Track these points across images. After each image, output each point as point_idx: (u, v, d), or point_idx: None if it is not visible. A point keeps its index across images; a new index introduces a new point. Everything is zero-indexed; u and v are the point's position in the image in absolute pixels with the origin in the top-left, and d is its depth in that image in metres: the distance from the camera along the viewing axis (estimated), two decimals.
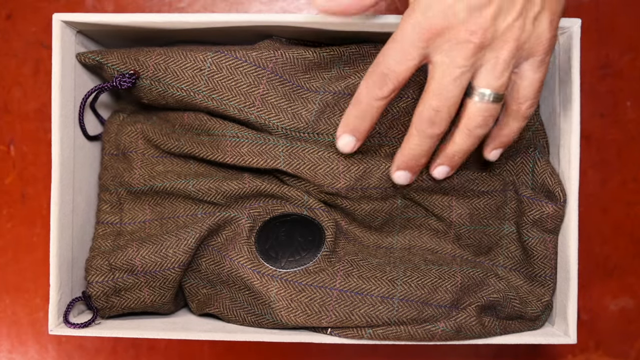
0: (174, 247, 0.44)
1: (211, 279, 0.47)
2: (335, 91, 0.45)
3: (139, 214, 0.48)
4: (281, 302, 0.44)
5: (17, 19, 0.56)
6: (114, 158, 0.49)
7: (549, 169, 0.46)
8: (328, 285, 0.43)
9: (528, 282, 0.46)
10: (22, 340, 0.57)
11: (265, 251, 0.45)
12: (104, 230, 0.48)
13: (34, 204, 0.57)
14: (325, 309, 0.43)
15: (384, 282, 0.44)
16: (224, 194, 0.46)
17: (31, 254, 0.57)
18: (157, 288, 0.45)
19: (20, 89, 0.56)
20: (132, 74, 0.45)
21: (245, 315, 0.46)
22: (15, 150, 0.57)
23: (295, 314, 0.44)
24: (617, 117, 0.55)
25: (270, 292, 0.44)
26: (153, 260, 0.44)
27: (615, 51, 0.55)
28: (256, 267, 0.44)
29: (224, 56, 0.44)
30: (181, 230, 0.45)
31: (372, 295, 0.43)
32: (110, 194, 0.49)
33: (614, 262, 0.56)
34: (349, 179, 0.45)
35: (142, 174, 0.47)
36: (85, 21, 0.44)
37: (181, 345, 0.57)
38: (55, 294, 0.45)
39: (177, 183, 0.46)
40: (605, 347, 0.56)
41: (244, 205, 0.46)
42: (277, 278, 0.44)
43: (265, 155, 0.45)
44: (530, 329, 0.46)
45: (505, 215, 0.46)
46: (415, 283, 0.44)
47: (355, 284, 0.43)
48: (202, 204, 0.47)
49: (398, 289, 0.43)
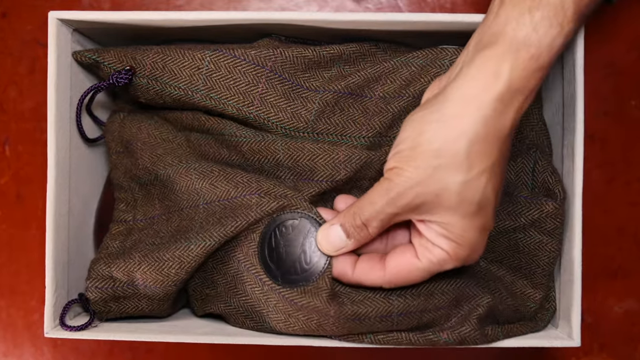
0: (176, 267, 0.43)
1: (215, 279, 0.46)
2: (335, 90, 0.45)
3: (149, 209, 0.48)
4: (279, 315, 0.43)
5: (13, 17, 0.56)
6: (121, 156, 0.49)
7: (550, 167, 0.45)
8: (323, 310, 0.41)
9: (521, 281, 0.46)
10: (17, 343, 0.57)
11: (265, 260, 0.43)
12: (116, 229, 0.48)
13: (30, 205, 0.57)
14: (323, 329, 0.42)
15: (379, 301, 0.42)
16: (226, 177, 0.44)
17: (26, 255, 0.57)
18: (157, 300, 0.45)
19: (16, 88, 0.56)
20: (129, 70, 0.45)
21: (244, 319, 0.46)
22: (10, 150, 0.57)
23: (294, 329, 0.43)
24: (622, 116, 0.55)
25: (269, 302, 0.43)
26: (154, 277, 0.43)
27: (619, 49, 0.55)
28: (258, 274, 0.43)
29: (222, 55, 0.44)
30: (184, 250, 0.43)
31: (369, 317, 0.42)
32: (125, 192, 0.49)
33: (619, 263, 0.56)
34: (350, 170, 0.44)
35: (145, 162, 0.47)
36: (82, 19, 0.44)
37: (180, 348, 0.57)
38: (51, 296, 0.44)
39: (179, 167, 0.45)
40: (609, 350, 0.56)
41: (251, 194, 0.43)
42: (275, 291, 0.42)
43: (265, 152, 0.44)
44: (532, 330, 0.45)
45: (501, 216, 0.46)
46: (410, 294, 0.42)
47: (350, 310, 0.41)
48: (204, 193, 0.45)
49: (395, 305, 0.42)
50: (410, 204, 0.38)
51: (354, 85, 0.45)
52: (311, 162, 0.44)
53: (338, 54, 0.46)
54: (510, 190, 0.46)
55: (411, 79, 0.45)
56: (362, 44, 0.46)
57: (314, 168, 0.44)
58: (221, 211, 0.44)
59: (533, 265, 0.46)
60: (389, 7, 0.56)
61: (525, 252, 0.46)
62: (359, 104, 0.45)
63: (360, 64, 0.46)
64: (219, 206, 0.44)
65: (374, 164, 0.44)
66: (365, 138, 0.45)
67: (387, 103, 0.45)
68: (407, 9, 0.56)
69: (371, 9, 0.55)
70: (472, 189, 0.37)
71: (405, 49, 0.48)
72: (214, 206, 0.44)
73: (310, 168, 0.44)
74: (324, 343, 0.43)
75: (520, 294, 0.46)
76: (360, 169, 0.44)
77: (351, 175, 0.44)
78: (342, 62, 0.46)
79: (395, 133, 0.45)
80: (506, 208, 0.45)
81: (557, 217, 0.44)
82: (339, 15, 0.43)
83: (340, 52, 0.46)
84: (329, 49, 0.46)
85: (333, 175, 0.44)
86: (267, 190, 0.43)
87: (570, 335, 0.44)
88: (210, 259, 0.45)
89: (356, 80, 0.45)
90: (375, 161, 0.44)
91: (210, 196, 0.44)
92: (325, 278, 0.42)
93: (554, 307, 0.47)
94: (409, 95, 0.45)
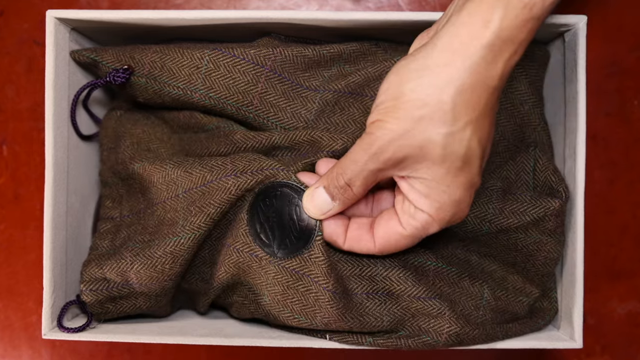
0: (170, 262, 0.43)
1: (206, 270, 0.46)
2: (335, 90, 0.45)
3: (135, 204, 0.47)
4: (277, 287, 0.43)
5: (10, 16, 0.56)
6: (111, 152, 0.49)
7: (552, 166, 0.45)
8: (321, 283, 0.41)
9: (513, 277, 0.45)
10: (15, 344, 0.57)
11: (257, 234, 0.43)
12: (104, 227, 0.48)
13: (27, 205, 0.57)
14: (319, 305, 0.42)
15: (365, 279, 0.43)
16: (200, 163, 0.44)
17: (24, 256, 0.57)
18: (154, 296, 0.45)
19: (13, 87, 0.56)
20: (126, 69, 0.45)
21: (248, 292, 0.45)
22: (7, 150, 0.56)
23: (292, 301, 0.43)
24: (624, 116, 0.55)
25: (268, 276, 0.43)
26: (149, 275, 0.43)
27: (622, 48, 0.55)
28: (253, 252, 0.43)
29: (221, 54, 0.44)
30: (175, 245, 0.43)
31: (356, 294, 0.42)
32: (110, 188, 0.49)
33: (621, 264, 0.56)
34: (348, 139, 0.43)
35: (124, 157, 0.47)
36: (80, 18, 0.44)
37: (178, 350, 0.57)
38: (49, 297, 0.44)
39: (154, 160, 0.45)
40: (611, 352, 0.56)
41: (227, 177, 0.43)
42: (273, 263, 0.42)
43: (259, 137, 0.44)
44: (532, 329, 0.45)
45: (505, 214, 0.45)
46: (411, 279, 0.42)
47: (344, 286, 0.42)
48: (180, 181, 0.44)
49: (379, 285, 0.42)
50: (392, 157, 0.37)
51: (355, 84, 0.45)
52: (309, 137, 0.44)
53: (338, 53, 0.46)
54: (512, 190, 0.45)
55: None
56: (363, 43, 0.46)
57: (312, 141, 0.44)
58: (200, 198, 0.43)
59: (529, 264, 0.45)
60: (389, 6, 0.56)
61: (523, 252, 0.45)
62: (359, 104, 0.45)
63: (361, 63, 0.46)
64: (197, 193, 0.43)
65: None
66: None
67: None
68: (408, 8, 0.56)
69: (372, 8, 0.55)
70: (457, 141, 0.36)
71: (405, 48, 0.47)
72: (192, 194, 0.44)
73: (309, 142, 0.44)
74: (323, 345, 0.43)
75: (512, 289, 0.45)
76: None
77: (349, 144, 0.43)
78: (343, 62, 0.46)
79: None
80: (510, 206, 0.45)
81: (560, 216, 0.44)
82: (340, 14, 0.43)
83: (340, 52, 0.46)
84: (329, 48, 0.46)
85: (331, 145, 0.43)
86: (242, 169, 0.43)
87: (572, 337, 0.44)
88: (200, 251, 0.45)
89: (356, 79, 0.45)
90: None
91: (187, 184, 0.44)
92: (320, 245, 0.41)
93: (555, 308, 0.47)
94: None
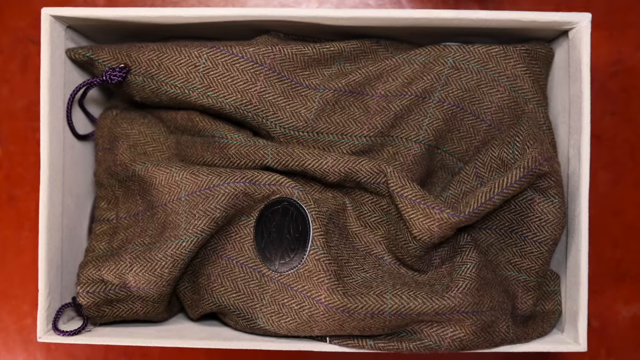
0: (170, 266, 0.43)
1: (199, 281, 0.46)
2: (335, 88, 0.45)
3: (132, 206, 0.47)
4: (273, 307, 0.43)
5: (4, 13, 0.56)
6: (106, 152, 0.48)
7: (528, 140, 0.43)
8: (315, 297, 0.42)
9: (510, 249, 0.44)
10: (9, 348, 0.57)
11: (262, 251, 0.44)
12: (100, 229, 0.48)
13: (22, 206, 0.57)
14: (314, 320, 0.42)
15: (372, 298, 0.42)
16: (208, 168, 0.45)
17: (19, 258, 0.57)
18: (151, 302, 0.45)
19: (8, 86, 0.56)
20: (123, 68, 0.45)
21: (237, 318, 0.45)
22: (2, 150, 0.57)
23: (286, 321, 0.43)
24: (630, 115, 0.55)
25: (265, 294, 0.43)
26: (147, 278, 0.43)
27: (627, 47, 0.55)
28: (257, 267, 0.44)
29: (219, 52, 0.44)
30: (176, 248, 0.43)
31: (359, 312, 0.41)
32: (105, 189, 0.48)
33: (626, 266, 0.56)
34: (338, 176, 0.44)
35: (124, 158, 0.47)
36: (75, 16, 0.44)
37: (175, 353, 0.57)
38: (44, 299, 0.44)
39: (160, 161, 0.45)
40: (616, 355, 0.56)
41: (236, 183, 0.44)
42: (274, 280, 0.43)
43: (252, 156, 0.44)
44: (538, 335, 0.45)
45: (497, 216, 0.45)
46: (406, 295, 0.42)
47: (340, 302, 0.41)
48: (184, 184, 0.44)
49: (388, 304, 0.41)
50: None
51: (355, 83, 0.45)
52: (300, 168, 0.44)
53: (338, 52, 0.46)
54: None
55: (413, 77, 0.45)
56: (363, 41, 0.46)
57: (303, 173, 0.45)
58: (204, 201, 0.43)
59: (524, 228, 0.43)
60: (390, 4, 0.56)
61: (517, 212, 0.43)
62: (360, 103, 0.45)
63: (361, 62, 0.46)
64: (201, 196, 0.43)
65: (364, 168, 0.44)
66: (366, 137, 0.45)
67: (389, 101, 0.45)
68: (409, 5, 0.56)
69: (372, 6, 0.56)
70: None
71: (407, 46, 0.47)
72: (195, 197, 0.43)
73: (299, 173, 0.45)
74: (323, 348, 0.43)
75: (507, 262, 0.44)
76: (350, 173, 0.44)
77: (340, 179, 0.44)
78: (343, 60, 0.46)
79: (398, 132, 0.45)
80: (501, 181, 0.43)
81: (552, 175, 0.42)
82: (340, 11, 0.43)
83: (340, 50, 0.46)
84: (329, 46, 0.45)
85: (322, 179, 0.45)
86: (251, 179, 0.43)
87: (576, 340, 0.44)
88: (195, 259, 0.45)
89: (357, 78, 0.45)
90: (365, 165, 0.44)
91: (191, 186, 0.44)
92: (313, 259, 0.42)
93: (559, 310, 0.46)
94: (411, 93, 0.45)
